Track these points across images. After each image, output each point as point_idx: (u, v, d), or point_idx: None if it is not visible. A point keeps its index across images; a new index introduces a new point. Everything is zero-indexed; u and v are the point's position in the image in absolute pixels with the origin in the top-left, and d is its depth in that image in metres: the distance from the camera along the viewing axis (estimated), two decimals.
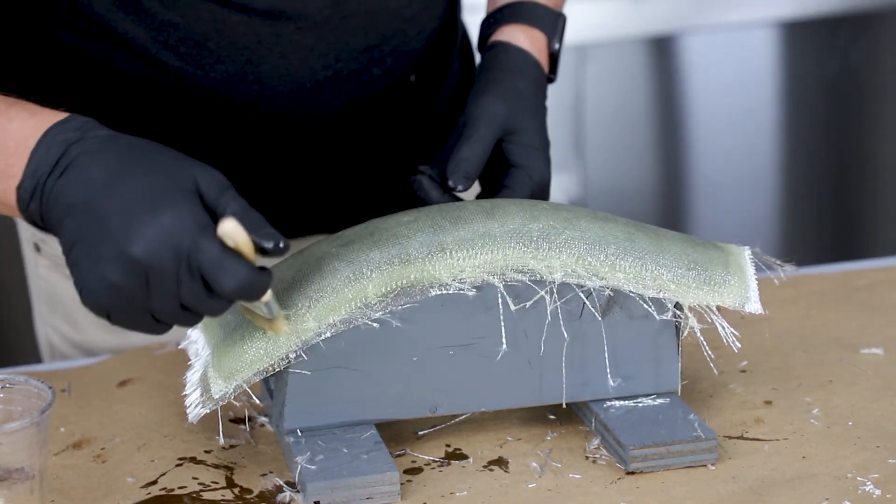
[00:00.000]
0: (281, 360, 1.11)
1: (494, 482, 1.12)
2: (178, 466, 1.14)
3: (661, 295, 1.15)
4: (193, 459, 1.15)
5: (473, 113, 1.26)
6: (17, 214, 1.09)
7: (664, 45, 2.63)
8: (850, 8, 2.65)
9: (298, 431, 1.13)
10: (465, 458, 1.15)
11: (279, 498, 1.10)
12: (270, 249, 1.03)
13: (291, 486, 1.11)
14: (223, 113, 1.31)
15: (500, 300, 1.13)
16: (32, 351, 2.41)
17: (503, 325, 1.14)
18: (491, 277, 1.13)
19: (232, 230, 1.01)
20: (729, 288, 1.17)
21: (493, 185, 1.27)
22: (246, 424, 1.20)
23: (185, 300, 1.02)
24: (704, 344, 1.18)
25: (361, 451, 1.11)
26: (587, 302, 1.15)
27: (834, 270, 1.50)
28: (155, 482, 1.12)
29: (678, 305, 1.16)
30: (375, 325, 1.11)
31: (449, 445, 1.17)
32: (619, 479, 1.12)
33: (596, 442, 1.16)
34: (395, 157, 1.40)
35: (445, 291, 1.12)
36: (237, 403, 1.22)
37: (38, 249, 1.47)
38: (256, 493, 1.11)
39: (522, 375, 1.15)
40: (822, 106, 2.72)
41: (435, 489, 1.11)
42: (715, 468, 1.13)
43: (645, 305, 1.15)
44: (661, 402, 1.18)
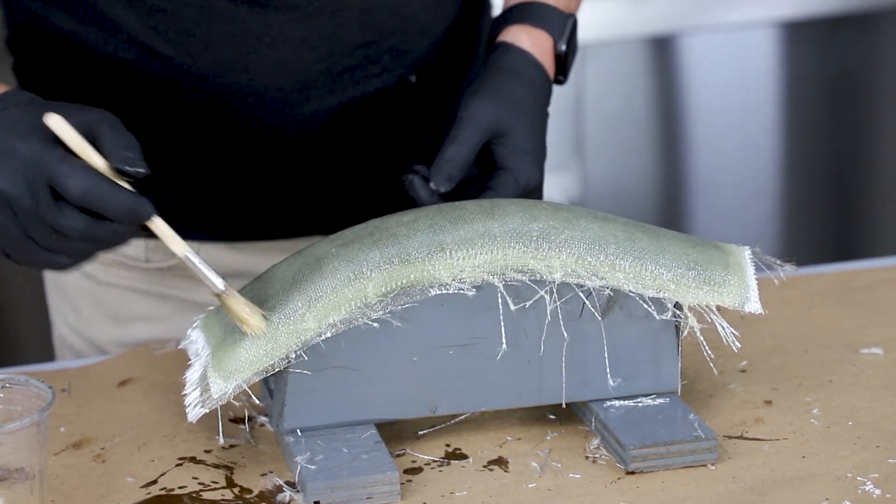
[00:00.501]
0: (281, 360, 1.11)
1: (494, 482, 1.12)
2: (178, 466, 1.14)
3: (660, 295, 1.15)
4: (193, 459, 1.15)
5: (461, 114, 1.25)
6: None
7: (664, 45, 2.63)
8: (850, 8, 2.65)
9: (298, 431, 1.13)
10: (465, 458, 1.15)
11: (279, 498, 1.10)
12: (124, 170, 1.07)
13: (291, 486, 1.11)
14: (214, 102, 1.31)
15: (500, 300, 1.13)
16: (42, 350, 2.42)
17: (503, 324, 1.14)
18: (491, 277, 1.13)
19: (54, 124, 1.07)
20: (729, 288, 1.17)
21: (479, 187, 1.25)
22: (246, 424, 1.20)
23: (46, 219, 1.07)
24: (704, 344, 1.18)
25: (361, 451, 1.11)
26: (587, 302, 1.15)
27: (834, 270, 1.50)
28: (155, 482, 1.12)
29: (678, 305, 1.16)
30: (375, 324, 1.11)
31: (449, 445, 1.17)
32: (619, 479, 1.12)
33: (596, 442, 1.16)
34: (395, 159, 1.39)
35: (445, 291, 1.12)
36: (237, 403, 1.22)
37: None
38: (256, 493, 1.11)
39: (522, 375, 1.15)
40: (822, 106, 2.72)
41: (435, 489, 1.11)
42: (715, 468, 1.13)
43: (645, 305, 1.15)
44: (661, 402, 1.18)
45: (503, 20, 1.34)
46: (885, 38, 2.70)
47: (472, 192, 1.24)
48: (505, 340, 1.14)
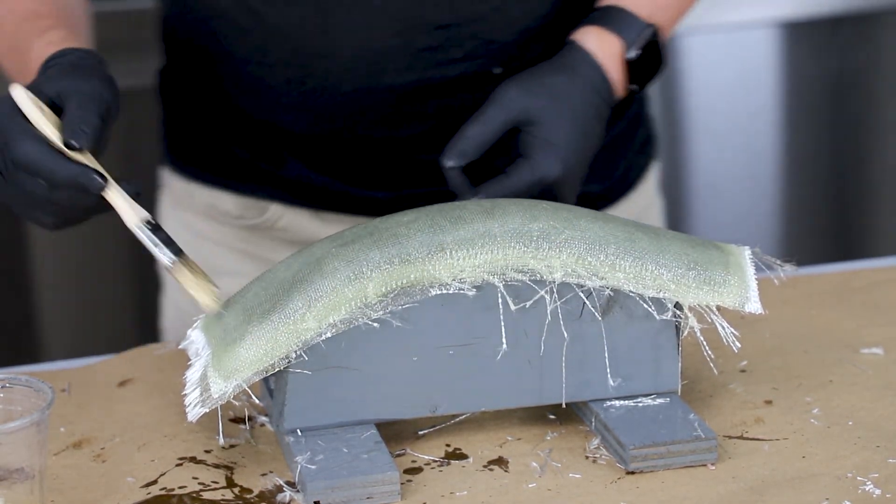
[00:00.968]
0: (281, 360, 1.11)
1: (494, 482, 1.12)
2: (178, 466, 1.14)
3: (661, 295, 1.15)
4: (193, 459, 1.15)
5: (492, 96, 1.27)
6: None
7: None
8: (850, 8, 2.65)
9: (298, 431, 1.13)
10: (465, 458, 1.15)
11: (279, 498, 1.10)
12: (69, 143, 1.13)
13: (291, 486, 1.11)
14: (292, 63, 1.34)
15: (500, 300, 1.13)
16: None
17: (503, 324, 1.14)
18: (491, 277, 1.13)
19: (16, 95, 1.15)
20: (729, 288, 1.17)
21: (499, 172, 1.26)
22: (246, 424, 1.20)
23: (11, 182, 1.15)
24: (704, 344, 1.18)
25: (361, 450, 1.11)
26: (587, 302, 1.15)
27: (834, 270, 1.50)
28: (155, 482, 1.12)
29: (678, 305, 1.16)
30: (375, 325, 1.11)
31: (449, 445, 1.17)
32: (619, 478, 1.12)
33: (596, 442, 1.16)
34: None
35: (445, 291, 1.12)
36: (237, 403, 1.22)
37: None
38: (256, 493, 1.11)
39: (522, 375, 1.15)
40: (822, 106, 2.72)
41: (435, 489, 1.11)
42: (715, 468, 1.13)
43: (645, 305, 1.15)
44: (661, 402, 1.18)
45: (584, 22, 1.34)
46: (885, 38, 2.70)
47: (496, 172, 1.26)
48: (505, 340, 1.14)
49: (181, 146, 1.51)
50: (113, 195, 1.13)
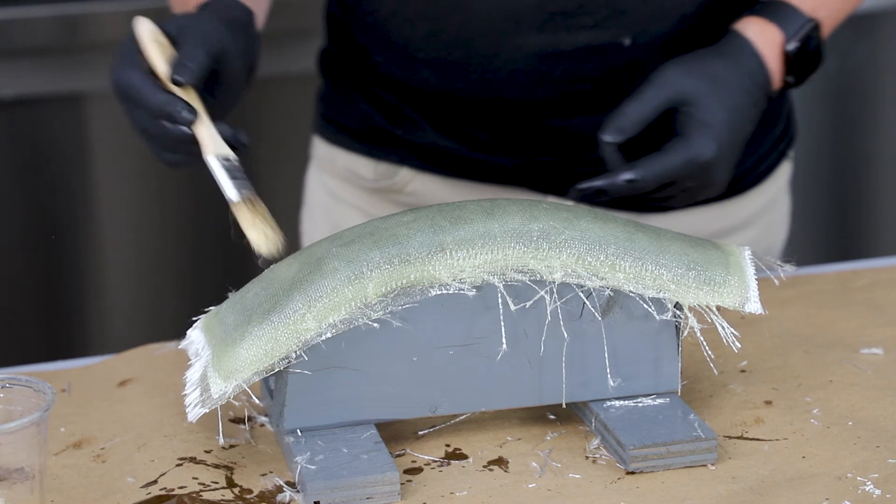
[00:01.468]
0: (281, 360, 1.11)
1: (494, 482, 1.12)
2: (178, 466, 1.14)
3: (661, 295, 1.15)
4: (193, 459, 1.15)
5: (651, 76, 1.29)
6: None
7: None
8: None
9: (298, 431, 1.13)
10: (465, 458, 1.15)
11: (279, 498, 1.10)
12: (172, 77, 1.18)
13: (291, 486, 1.11)
14: (428, 16, 1.39)
15: (500, 300, 1.13)
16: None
17: (503, 325, 1.14)
18: (491, 277, 1.13)
19: (137, 28, 1.21)
20: (729, 288, 1.17)
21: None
22: (246, 424, 1.20)
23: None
24: (704, 344, 1.18)
25: (361, 451, 1.11)
26: (587, 302, 1.15)
27: (834, 270, 1.50)
28: (155, 482, 1.12)
29: (678, 305, 1.16)
30: (375, 325, 1.11)
31: (449, 445, 1.17)
32: (619, 479, 1.12)
33: (596, 442, 1.16)
34: (596, 121, 1.39)
35: (445, 291, 1.12)
36: (237, 403, 1.22)
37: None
38: (256, 493, 1.11)
39: (522, 375, 1.15)
40: (822, 106, 2.72)
41: (435, 489, 1.11)
42: (715, 468, 1.13)
43: (645, 305, 1.15)
44: (661, 402, 1.18)
45: (747, 13, 1.36)
46: (885, 38, 2.70)
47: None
48: (505, 340, 1.14)
49: (328, 114, 1.58)
50: (200, 129, 1.17)
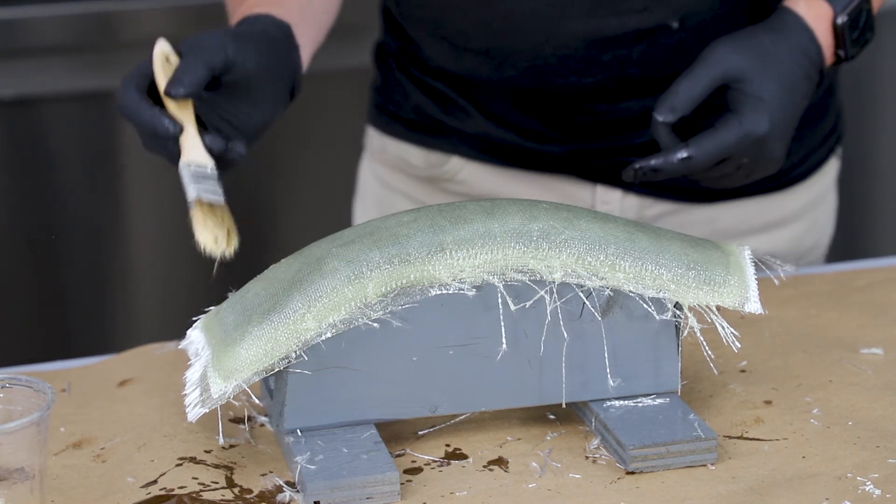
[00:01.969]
0: (281, 360, 1.11)
1: (494, 482, 1.12)
2: (178, 466, 1.14)
3: (660, 295, 1.15)
4: (193, 459, 1.15)
5: (702, 54, 1.29)
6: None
7: None
8: None
9: (298, 431, 1.13)
10: (465, 458, 1.15)
11: (279, 498, 1.10)
12: (168, 92, 1.20)
13: (291, 486, 1.11)
14: (484, 2, 1.40)
15: (500, 300, 1.13)
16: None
17: (503, 325, 1.14)
18: (491, 277, 1.13)
19: (156, 49, 1.24)
20: (729, 288, 1.17)
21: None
22: (246, 424, 1.20)
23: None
24: (704, 344, 1.18)
25: (361, 451, 1.11)
26: (587, 302, 1.15)
27: (834, 270, 1.50)
28: (155, 482, 1.12)
29: (678, 305, 1.16)
30: (375, 325, 1.11)
31: (449, 445, 1.17)
32: (619, 479, 1.12)
33: (596, 442, 1.16)
34: (645, 105, 1.41)
35: (445, 291, 1.12)
36: (237, 403, 1.22)
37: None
38: (256, 493, 1.11)
39: (522, 375, 1.15)
40: None
41: (435, 489, 1.11)
42: (715, 468, 1.13)
43: (645, 305, 1.15)
44: (661, 402, 1.18)
45: None
46: (885, 38, 2.70)
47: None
48: (505, 340, 1.14)
49: (382, 104, 1.59)
50: (183, 139, 1.20)
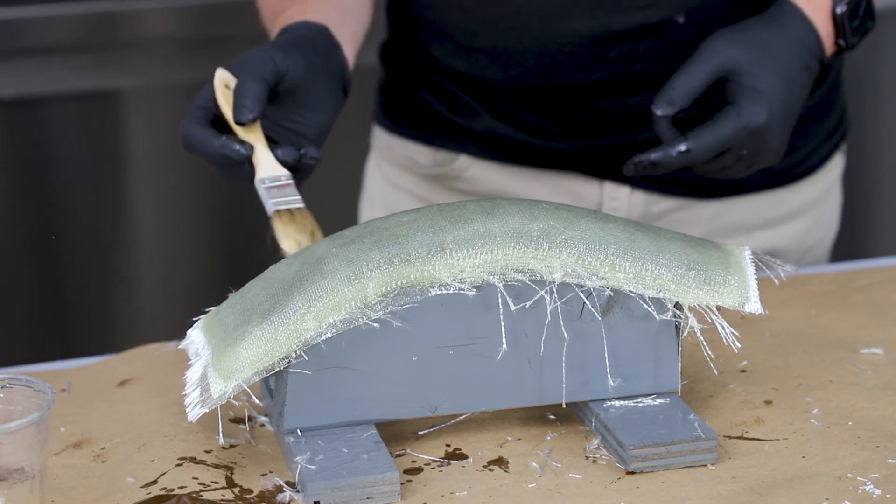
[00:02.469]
0: (281, 360, 1.11)
1: (494, 482, 1.12)
2: (178, 466, 1.14)
3: (661, 295, 1.15)
4: (193, 459, 1.15)
5: (699, 47, 1.29)
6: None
7: None
8: None
9: (298, 431, 1.13)
10: (465, 458, 1.15)
11: (279, 498, 1.10)
12: (237, 119, 1.22)
13: (291, 486, 1.11)
14: (490, 2, 1.41)
15: (500, 300, 1.13)
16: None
17: (503, 324, 1.14)
18: (491, 277, 1.13)
19: (216, 78, 1.26)
20: (729, 288, 1.17)
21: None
22: (246, 424, 1.20)
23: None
24: (704, 344, 1.18)
25: (361, 451, 1.11)
26: (587, 302, 1.15)
27: (834, 270, 1.50)
28: (155, 482, 1.12)
29: (678, 305, 1.16)
30: (375, 325, 1.11)
31: (449, 445, 1.17)
32: (619, 479, 1.12)
33: (596, 442, 1.16)
34: (647, 101, 1.40)
35: (445, 291, 1.12)
36: (237, 403, 1.22)
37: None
38: (256, 493, 1.11)
39: (522, 375, 1.15)
40: None
41: (435, 489, 1.11)
42: (715, 468, 1.13)
43: (645, 305, 1.15)
44: (661, 402, 1.18)
45: None
46: (885, 38, 2.70)
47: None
48: (505, 340, 1.14)
49: (388, 103, 1.59)
50: (255, 158, 1.23)
